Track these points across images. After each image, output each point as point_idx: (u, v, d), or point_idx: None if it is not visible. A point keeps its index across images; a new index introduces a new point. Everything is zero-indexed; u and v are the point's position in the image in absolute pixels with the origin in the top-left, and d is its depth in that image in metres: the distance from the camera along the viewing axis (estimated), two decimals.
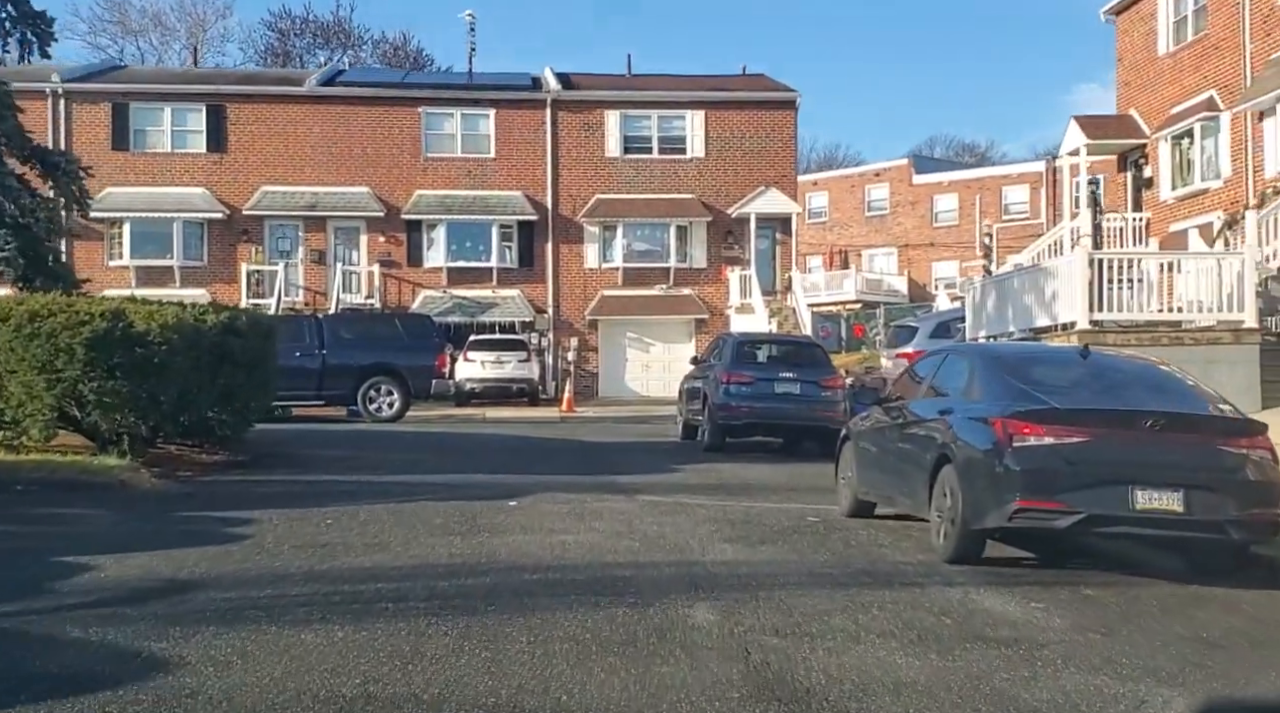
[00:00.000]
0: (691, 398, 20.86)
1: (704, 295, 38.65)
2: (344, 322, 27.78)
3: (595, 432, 23.69)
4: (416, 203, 37.86)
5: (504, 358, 33.20)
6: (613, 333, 38.74)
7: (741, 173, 38.59)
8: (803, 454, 19.42)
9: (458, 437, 21.13)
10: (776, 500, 12.99)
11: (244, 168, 37.61)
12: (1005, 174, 57.76)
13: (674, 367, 38.81)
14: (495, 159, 38.36)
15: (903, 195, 59.81)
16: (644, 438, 22.13)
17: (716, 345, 20.87)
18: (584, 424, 26.52)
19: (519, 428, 24.55)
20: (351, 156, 37.94)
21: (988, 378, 9.47)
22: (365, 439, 20.07)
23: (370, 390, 25.95)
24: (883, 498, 10.91)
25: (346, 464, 15.78)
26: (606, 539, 9.77)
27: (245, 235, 37.57)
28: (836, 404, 18.79)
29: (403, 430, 22.55)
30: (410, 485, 13.47)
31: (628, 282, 38.43)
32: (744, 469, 16.47)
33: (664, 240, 38.44)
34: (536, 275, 38.42)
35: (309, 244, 37.98)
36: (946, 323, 27.39)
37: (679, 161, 38.66)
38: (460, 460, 16.63)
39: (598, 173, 38.53)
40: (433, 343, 26.53)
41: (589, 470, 15.76)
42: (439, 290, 38.01)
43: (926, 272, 58.85)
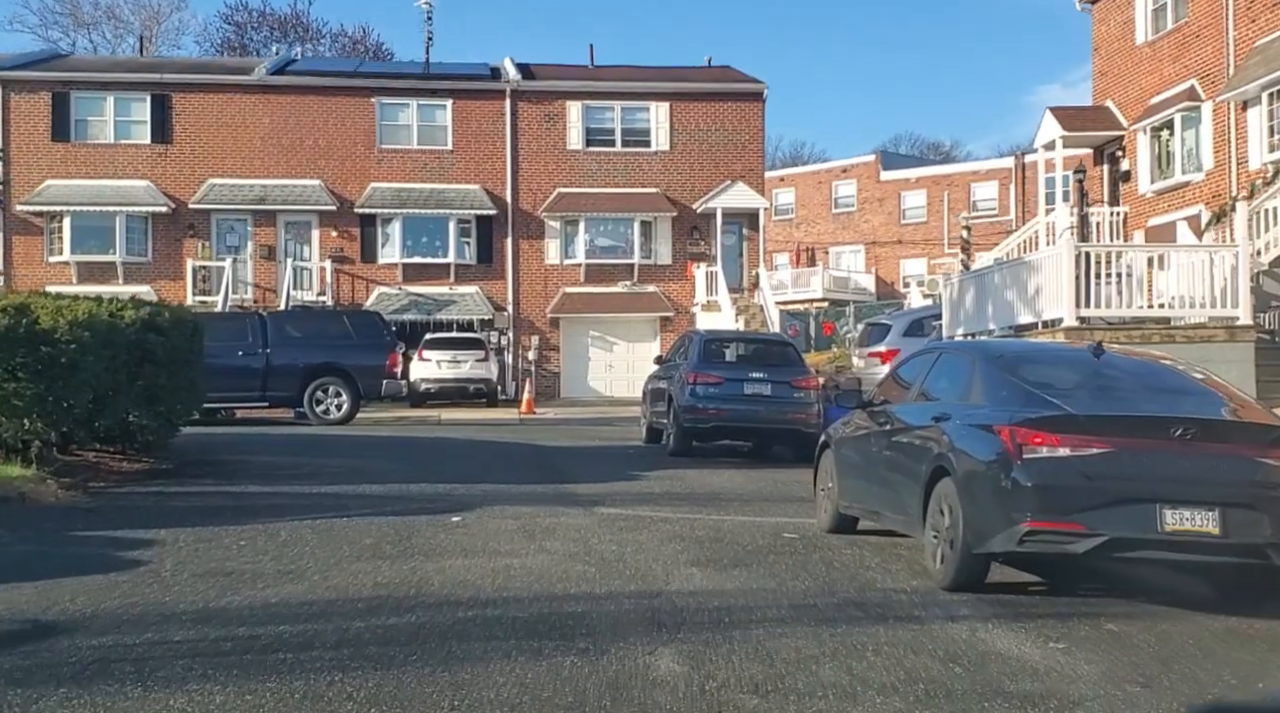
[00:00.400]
0: (656, 399, 19.71)
1: (669, 293, 37.52)
2: (289, 319, 26.43)
3: (555, 435, 22.51)
4: (371, 196, 36.51)
5: (461, 357, 31.92)
6: (575, 331, 37.54)
7: (707, 167, 37.47)
8: (774, 459, 18.32)
9: (407, 441, 19.88)
10: (749, 513, 11.85)
11: (190, 160, 36.13)
12: (974, 171, 56.96)
13: (638, 366, 37.65)
14: (453, 151, 37.06)
15: (870, 192, 58.91)
16: (606, 442, 20.96)
17: (682, 344, 19.73)
18: (544, 427, 25.33)
19: (475, 431, 23.32)
20: (303, 148, 36.54)
21: (990, 379, 8.34)
22: (307, 444, 18.78)
23: (317, 391, 24.65)
24: (868, 513, 9.78)
25: (281, 473, 14.51)
26: (558, 563, 8.59)
27: (191, 230, 36.08)
28: (810, 406, 17.68)
29: (349, 434, 21.27)
30: (346, 498, 12.24)
31: (590, 278, 37.24)
32: (712, 476, 15.33)
33: (628, 236, 37.27)
34: (496, 272, 37.17)
35: (258, 239, 36.54)
36: (920, 320, 26.39)
37: (643, 155, 37.51)
38: (406, 468, 15.39)
39: (559, 166, 37.31)
40: (383, 341, 25.25)
41: (545, 479, 14.57)
42: (394, 287, 36.67)
43: (894, 269, 57.97)
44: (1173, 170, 26.75)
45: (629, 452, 19.01)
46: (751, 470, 16.28)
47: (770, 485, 14.49)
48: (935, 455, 8.30)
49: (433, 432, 22.81)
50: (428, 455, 17.35)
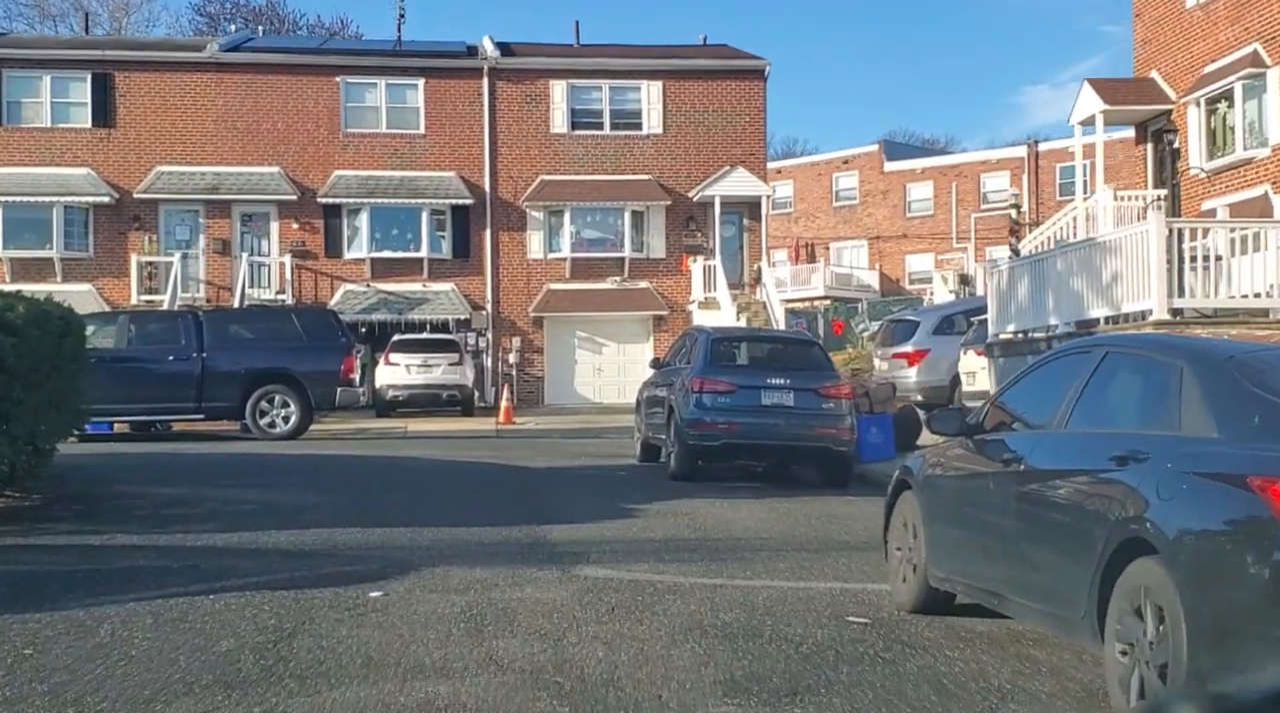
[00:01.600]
0: (653, 410, 16.50)
1: (663, 289, 34.30)
2: (229, 319, 23.15)
3: (535, 452, 19.28)
4: (335, 185, 33.24)
5: (432, 361, 28.66)
6: (560, 332, 34.31)
7: (704, 151, 34.27)
8: (797, 483, 15.15)
9: (356, 462, 16.62)
10: (788, 573, 8.65)
11: (135, 145, 32.82)
12: (984, 160, 53.81)
13: (629, 370, 34.42)
14: (425, 136, 33.80)
15: (873, 184, 55.76)
16: (594, 461, 17.73)
17: (684, 344, 16.51)
18: (523, 441, 22.08)
19: (443, 446, 20.07)
20: (260, 132, 33.26)
21: (1222, 396, 5.10)
22: (231, 467, 15.52)
23: (262, 401, 21.40)
24: (981, 592, 6.55)
25: (171, 513, 11.26)
26: (511, 696, 5.35)
27: (137, 223, 32.77)
28: (842, 419, 14.49)
29: (292, 453, 17.99)
30: (237, 554, 9.01)
31: (577, 274, 34.02)
32: (727, 510, 12.14)
33: (617, 227, 34.06)
34: (473, 267, 33.92)
35: (211, 232, 33.24)
36: (951, 317, 23.24)
37: (634, 138, 34.29)
38: (340, 502, 12.16)
39: (542, 151, 34.08)
40: (338, 343, 21.97)
41: (515, 517, 11.35)
42: (362, 284, 33.42)
43: (900, 265, 54.84)
44: (1232, 146, 23.60)
45: (621, 474, 15.80)
46: (774, 500, 13.08)
47: (804, 524, 11.29)
48: (1121, 520, 5.10)
49: (393, 448, 19.56)
50: (375, 482, 14.11)
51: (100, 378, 21.43)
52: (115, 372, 21.13)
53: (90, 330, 22.50)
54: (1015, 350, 17.88)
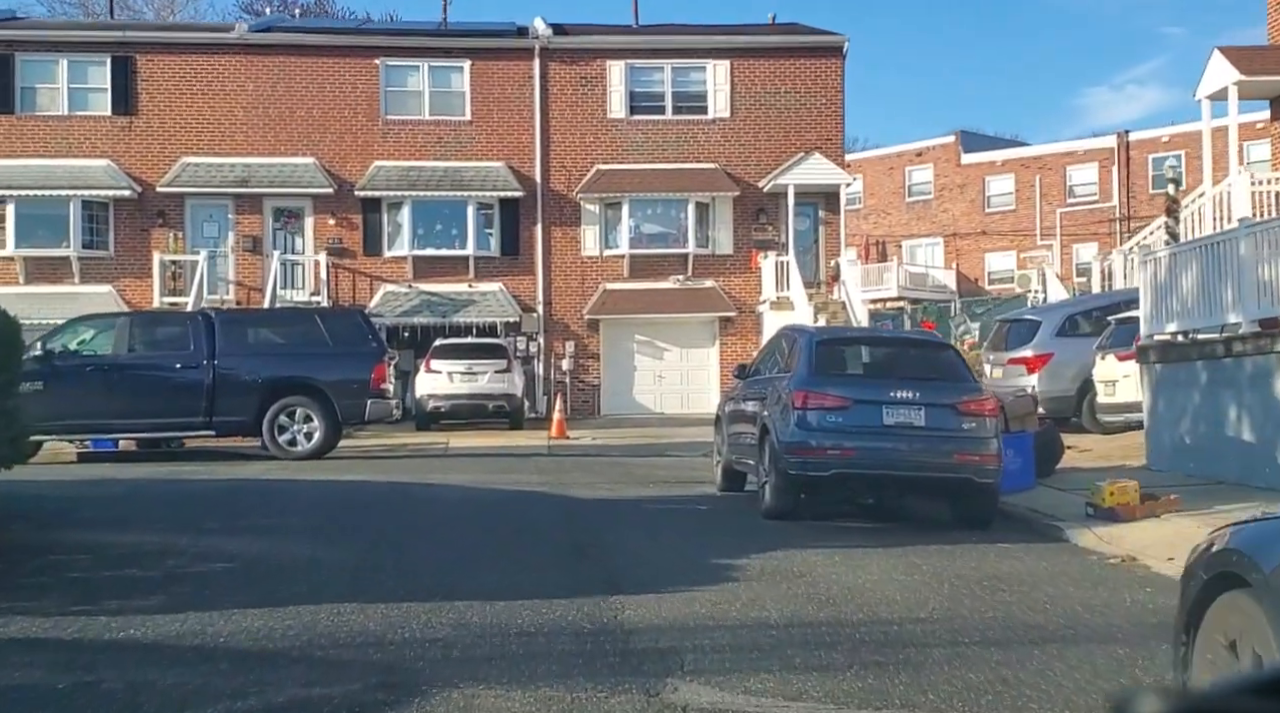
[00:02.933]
0: (738, 429, 13.50)
1: (730, 288, 31.28)
2: (244, 321, 20.41)
3: (593, 475, 16.35)
4: (374, 177, 30.56)
5: (478, 368, 25.82)
6: (618, 335, 31.41)
7: (776, 136, 31.21)
8: (918, 517, 12.14)
9: (379, 492, 13.75)
10: (991, 695, 5.63)
11: (159, 135, 30.33)
12: (1069, 151, 50.24)
13: (693, 377, 31.49)
14: (471, 123, 31.04)
15: (949, 178, 52.34)
16: (664, 487, 14.77)
17: (777, 348, 13.47)
18: (578, 460, 19.13)
19: (486, 468, 17.22)
20: (293, 120, 30.65)
21: None
22: (225, 501, 12.71)
23: (281, 415, 18.66)
24: None
25: (121, 572, 8.48)
26: None
27: (161, 218, 30.26)
28: (987, 442, 11.41)
29: (307, 478, 15.17)
30: (167, 656, 6.15)
31: (636, 272, 31.10)
32: (851, 568, 9.14)
33: (680, 221, 31.09)
34: (523, 266, 31.10)
35: (241, 229, 30.67)
36: (1075, 316, 20.09)
37: (698, 123, 31.31)
38: (342, 556, 9.29)
39: (598, 138, 31.20)
40: (368, 349, 19.18)
41: (571, 581, 8.44)
42: (403, 285, 30.70)
43: (978, 264, 51.41)
44: None
45: (701, 509, 12.83)
46: (906, 551, 10.04)
47: (967, 595, 8.24)
48: None
49: (428, 470, 16.69)
50: (395, 524, 11.23)
51: (97, 389, 18.80)
52: (113, 382, 18.54)
53: (87, 335, 19.96)
54: (1178, 355, 14.71)
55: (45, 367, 18.33)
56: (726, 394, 14.55)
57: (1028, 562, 9.81)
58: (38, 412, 18.44)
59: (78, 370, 18.53)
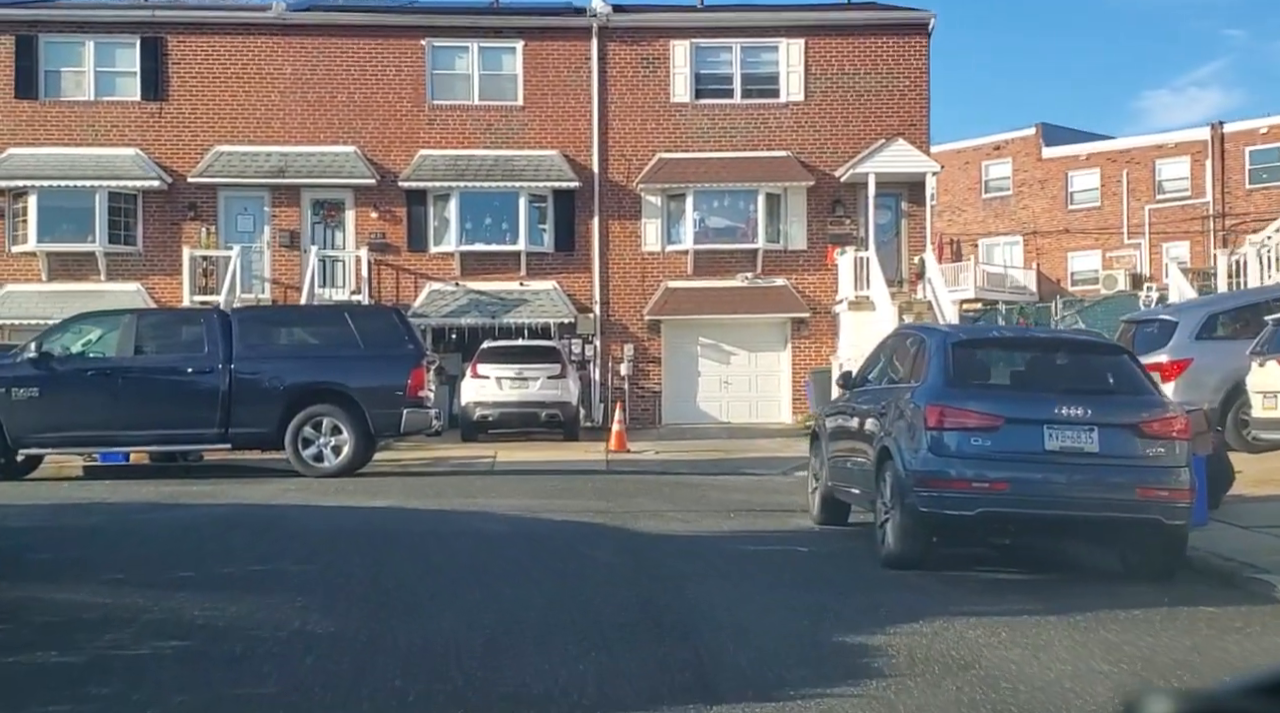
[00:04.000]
0: (844, 450, 11.01)
1: (803, 287, 28.76)
2: (265, 319, 18.12)
3: (659, 498, 13.94)
4: (419, 167, 28.38)
5: (529, 372, 23.50)
6: (681, 338, 28.99)
7: (854, 121, 28.66)
8: (1080, 569, 9.61)
9: (404, 524, 11.38)
10: None
11: (190, 122, 28.34)
12: (1159, 144, 47.10)
13: (762, 383, 28.99)
14: (524, 108, 28.77)
15: (1030, 172, 49.39)
16: (747, 519, 12.30)
17: (897, 350, 10.92)
18: (640, 480, 16.68)
19: (535, 489, 14.86)
20: (333, 106, 28.55)
21: None
22: (215, 537, 10.41)
23: (306, 427, 16.42)
24: None
25: (42, 655, 6.18)
26: None
27: (192, 211, 28.27)
28: (1176, 473, 8.87)
29: (324, 504, 12.86)
30: None
31: (701, 269, 28.67)
32: (1032, 652, 6.67)
33: (749, 213, 28.62)
34: (579, 262, 28.77)
35: (278, 223, 28.60)
36: (1218, 317, 17.39)
37: (770, 108, 28.83)
38: (336, 627, 6.95)
39: (660, 124, 28.82)
40: (404, 351, 16.88)
41: (647, 674, 6.03)
42: (450, 283, 28.48)
43: (1060, 264, 48.44)
44: None
45: (800, 551, 10.35)
46: (1091, 619, 7.53)
47: None
48: None
49: (469, 493, 14.36)
50: (419, 573, 8.87)
51: (98, 397, 16.43)
52: (117, 388, 16.36)
53: (89, 335, 17.74)
54: None
55: (41, 371, 16.25)
56: (828, 408, 12.05)
57: (1258, 637, 7.29)
58: (32, 422, 16.34)
59: (77, 375, 16.39)
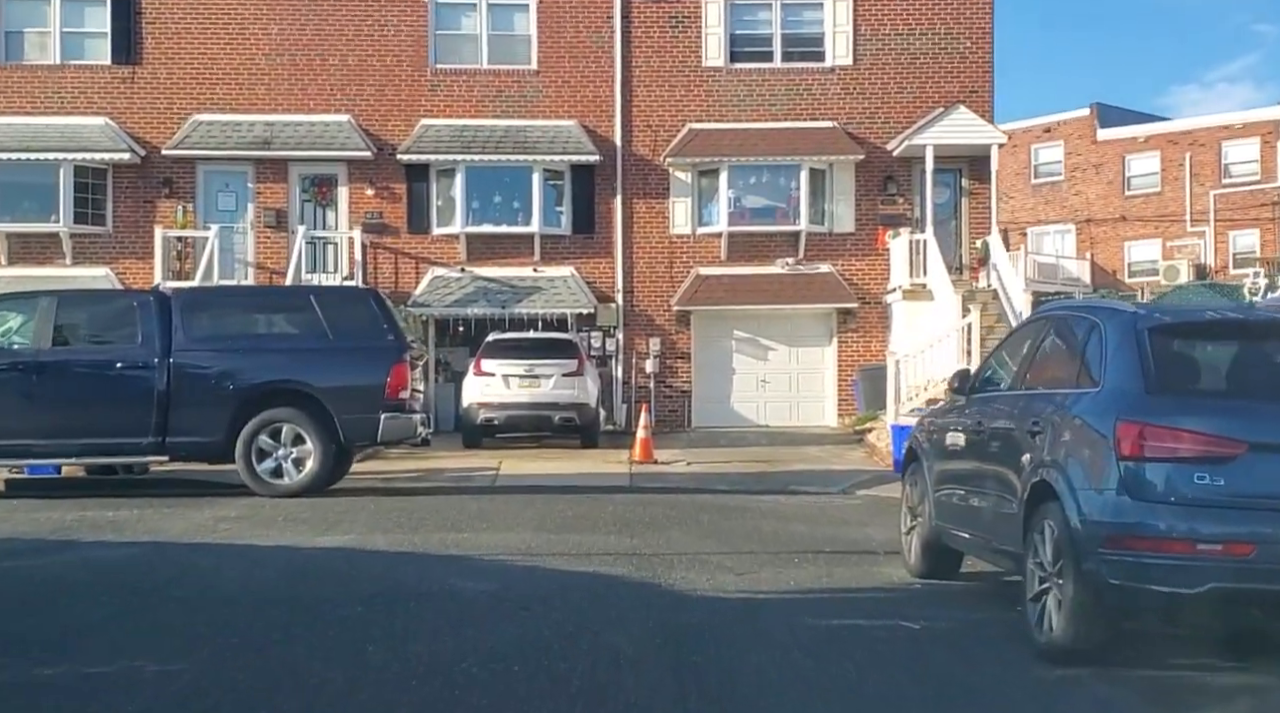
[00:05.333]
0: (961, 479, 7.90)
1: (851, 273, 25.62)
2: (213, 304, 14.97)
3: (699, 532, 10.86)
4: (421, 138, 25.36)
5: (541, 369, 20.46)
6: (713, 331, 25.89)
7: (909, 88, 25.51)
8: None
9: (352, 576, 8.33)
10: None
11: (166, 88, 25.41)
12: (1226, 125, 43.64)
13: (804, 382, 25.88)
14: (538, 73, 25.72)
15: (1083, 156, 46.03)
16: (819, 565, 9.19)
17: (1043, 336, 7.70)
18: (673, 503, 13.57)
19: (543, 517, 11.81)
20: (324, 70, 25.56)
21: None
22: (88, 594, 7.39)
23: (262, 435, 13.43)
24: None
25: None
26: None
27: (168, 188, 25.32)
28: None
29: (260, 544, 9.83)
30: None
31: (736, 254, 25.56)
32: None
33: (790, 191, 25.49)
34: (599, 246, 25.70)
35: (262, 200, 25.63)
36: None
37: (814, 73, 25.69)
38: None
39: (691, 92, 25.72)
40: (383, 343, 13.86)
41: None
42: (455, 268, 25.47)
43: (1117, 254, 45.10)
44: None
45: (910, 630, 7.18)
46: None
47: None
48: None
49: (456, 525, 11.33)
50: (336, 681, 5.82)
51: (7, 398, 13.73)
52: (30, 387, 13.36)
53: (8, 322, 14.93)
54: None
55: None
56: (929, 420, 8.93)
57: None
58: None
59: None
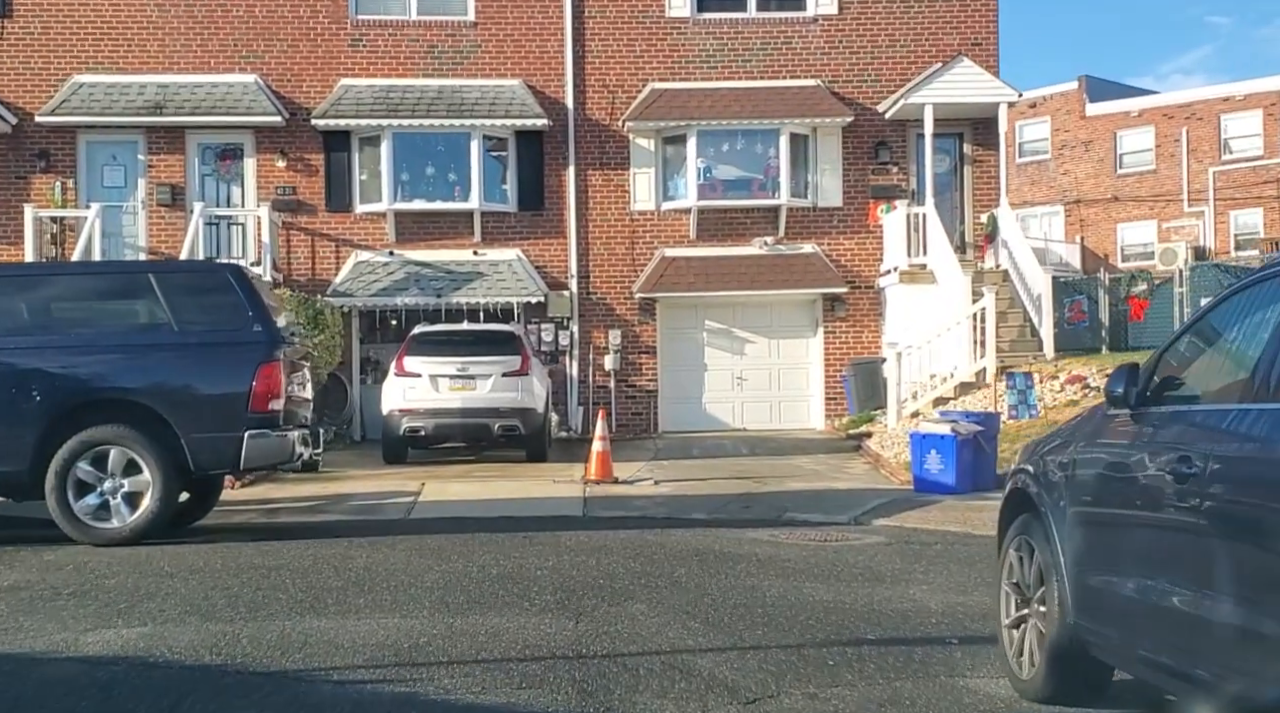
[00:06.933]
0: (1124, 552, 4.59)
1: (838, 253, 22.33)
2: (13, 286, 11.28)
3: (671, 603, 7.50)
4: (340, 101, 21.84)
5: (477, 368, 16.96)
6: (682, 321, 22.53)
7: (903, 40, 22.25)
8: None
9: (121, 703, 4.97)
10: None
11: (41, 44, 21.76)
12: (1226, 97, 40.71)
13: (786, 379, 22.58)
14: (476, 24, 22.26)
15: (1071, 132, 43.04)
16: (873, 685, 5.87)
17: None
18: (635, 549, 10.14)
19: (451, 575, 8.42)
20: (228, 22, 22.00)
21: None
22: None
23: (82, 461, 9.93)
24: None
25: None
26: None
27: (44, 161, 21.69)
28: None
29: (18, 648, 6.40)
30: None
31: (707, 233, 22.22)
32: None
33: (769, 160, 22.15)
34: (549, 225, 22.28)
35: (155, 175, 22.02)
36: None
37: (794, 23, 22.38)
38: None
39: (653, 46, 22.34)
40: (247, 337, 10.35)
41: None
42: (382, 252, 21.97)
43: (1109, 237, 42.16)
44: None
45: None
46: None
47: None
48: None
49: (319, 598, 7.91)
50: None
51: None
52: None
53: None
54: None
55: None
56: (1055, 444, 5.55)
57: None
58: None
59: None
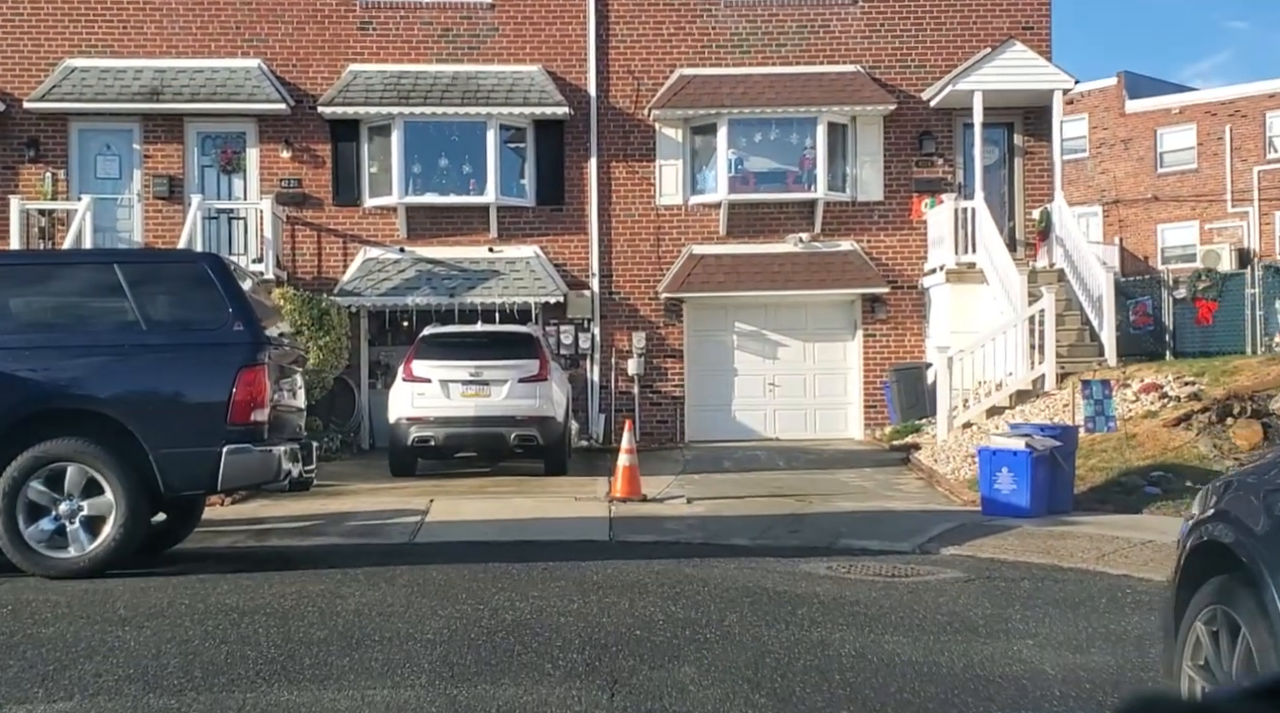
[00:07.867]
0: None
1: (878, 251, 20.91)
2: None
3: (728, 669, 6.09)
4: (348, 88, 20.53)
5: (491, 373, 15.58)
6: (710, 323, 21.14)
7: (949, 23, 20.84)
8: None
9: None
10: None
11: (32, 25, 20.52)
12: (1272, 93, 39.11)
13: (822, 385, 21.17)
14: (493, 7, 20.94)
15: (1110, 129, 41.49)
16: None
17: None
18: (673, 586, 8.75)
19: (457, 623, 7.06)
20: (230, 5, 20.72)
21: None
22: None
23: (35, 481, 8.60)
24: None
25: None
26: None
27: (33, 150, 20.45)
28: None
29: None
30: None
31: (737, 229, 20.83)
32: None
33: (804, 151, 20.76)
34: (570, 220, 20.93)
35: (152, 166, 20.75)
36: None
37: (832, 4, 20.99)
38: None
39: (681, 30, 20.98)
40: (225, 337, 9.02)
41: None
42: (392, 249, 20.66)
43: (1149, 239, 40.56)
44: None
45: None
46: None
47: None
48: None
49: (294, 659, 6.53)
50: None
51: None
52: None
53: None
54: None
55: None
56: (1266, 476, 4.13)
57: None
58: None
59: None
